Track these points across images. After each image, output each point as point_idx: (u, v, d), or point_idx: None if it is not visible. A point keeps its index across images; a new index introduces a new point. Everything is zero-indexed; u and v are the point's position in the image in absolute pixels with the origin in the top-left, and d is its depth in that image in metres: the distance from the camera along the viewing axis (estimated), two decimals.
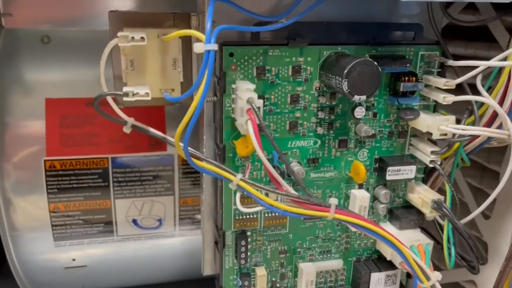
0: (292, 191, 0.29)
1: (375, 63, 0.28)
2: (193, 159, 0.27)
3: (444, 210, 0.32)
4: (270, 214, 0.33)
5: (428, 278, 0.30)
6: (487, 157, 0.41)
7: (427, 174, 0.36)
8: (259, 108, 0.27)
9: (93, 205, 0.46)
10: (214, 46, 0.24)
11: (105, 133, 0.45)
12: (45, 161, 0.44)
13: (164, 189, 0.47)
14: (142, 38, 0.26)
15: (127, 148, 0.46)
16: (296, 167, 0.32)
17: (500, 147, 0.35)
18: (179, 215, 0.49)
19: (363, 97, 0.28)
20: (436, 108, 0.34)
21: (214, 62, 0.28)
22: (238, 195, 0.29)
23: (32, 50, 0.46)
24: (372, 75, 0.28)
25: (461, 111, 0.33)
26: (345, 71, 0.27)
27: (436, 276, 0.30)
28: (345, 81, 0.28)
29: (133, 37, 0.25)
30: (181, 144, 0.26)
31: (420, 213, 0.35)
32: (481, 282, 0.38)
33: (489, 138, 0.33)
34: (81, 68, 0.46)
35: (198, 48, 0.24)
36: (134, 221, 0.48)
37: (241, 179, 0.28)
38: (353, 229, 0.33)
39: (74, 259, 0.49)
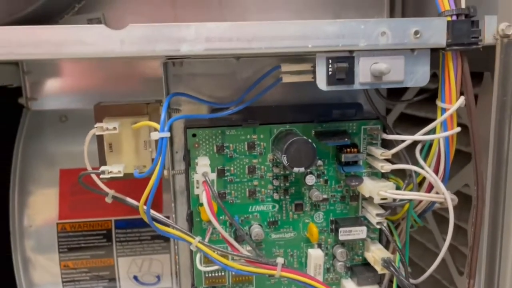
0: (244, 252, 0.33)
1: (310, 140, 0.33)
2: (155, 224, 0.32)
3: (391, 268, 0.35)
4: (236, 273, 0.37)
5: None
6: (458, 215, 0.44)
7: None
8: (212, 180, 0.33)
9: (98, 262, 0.52)
10: (167, 134, 0.30)
11: None
12: (57, 224, 0.51)
13: (161, 247, 0.52)
14: (115, 128, 0.32)
15: (128, 211, 0.52)
16: (256, 229, 0.36)
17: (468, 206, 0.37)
18: (176, 272, 0.53)
19: (302, 169, 0.33)
20: (384, 174, 0.38)
21: (185, 140, 0.34)
22: (198, 255, 0.33)
23: (52, 127, 0.54)
24: (307, 151, 0.33)
25: None
26: (284, 147, 0.33)
27: None
28: (285, 156, 0.33)
29: (107, 128, 0.32)
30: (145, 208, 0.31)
31: (375, 270, 0.38)
32: None
33: (433, 203, 0.36)
34: (91, 141, 0.53)
35: (154, 136, 0.30)
36: (135, 277, 0.53)
37: (199, 242, 0.32)
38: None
39: None
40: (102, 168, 0.33)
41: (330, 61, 0.30)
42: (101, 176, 0.33)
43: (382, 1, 0.45)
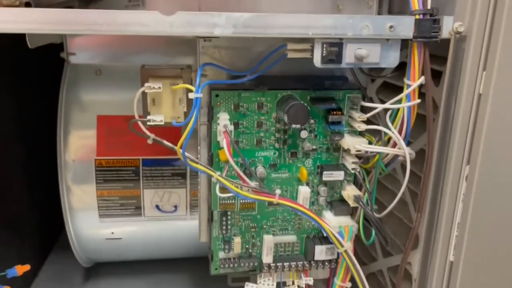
0: (252, 184, 0.44)
1: (305, 104, 0.43)
2: (188, 161, 0.43)
3: (360, 203, 0.47)
4: (243, 201, 0.49)
5: (342, 245, 0.45)
6: (420, 168, 0.55)
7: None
8: (231, 131, 0.43)
9: (127, 193, 0.63)
10: (200, 95, 0.40)
11: (137, 141, 0.62)
12: (95, 159, 0.62)
13: (179, 183, 0.63)
14: (159, 87, 0.42)
15: (154, 152, 0.63)
16: (260, 169, 0.48)
17: None
18: (190, 203, 0.65)
19: (298, 126, 0.44)
20: (361, 133, 0.49)
21: (210, 99, 0.45)
22: (217, 186, 0.45)
23: (88, 79, 0.63)
24: (303, 112, 0.43)
25: None
26: (286, 108, 0.43)
27: (347, 246, 0.45)
28: (286, 115, 0.43)
29: (154, 87, 0.42)
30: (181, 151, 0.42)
31: (349, 204, 0.50)
32: (414, 262, 0.52)
33: (397, 156, 0.48)
34: (122, 93, 0.63)
35: (191, 95, 0.40)
36: (157, 206, 0.64)
37: (219, 175, 0.44)
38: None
39: (112, 233, 0.65)
40: (149, 117, 0.43)
41: (325, 45, 0.40)
42: (147, 123, 0.43)
43: None
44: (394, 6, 0.54)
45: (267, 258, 0.50)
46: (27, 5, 0.37)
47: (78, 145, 0.61)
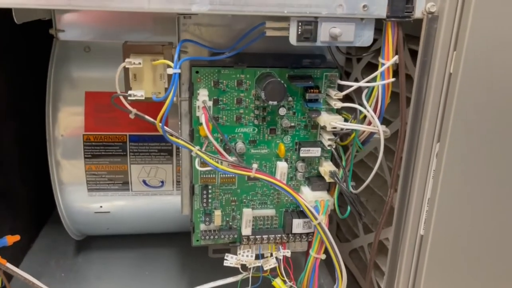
0: (230, 159, 0.46)
1: (282, 81, 0.45)
2: (168, 135, 0.45)
3: (335, 178, 0.49)
4: (224, 175, 0.51)
5: (316, 218, 0.47)
6: (398, 146, 0.57)
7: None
8: (210, 107, 0.45)
9: (115, 168, 0.65)
10: (178, 70, 0.42)
11: (125, 118, 0.63)
12: (83, 135, 0.63)
13: (165, 159, 0.65)
14: (140, 63, 0.43)
15: (141, 128, 0.64)
16: (240, 144, 0.49)
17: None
18: (176, 179, 0.67)
19: (275, 102, 0.45)
20: (338, 111, 0.50)
21: (190, 75, 0.46)
22: (197, 160, 0.46)
23: (77, 56, 0.64)
24: (280, 89, 0.45)
25: None
26: (263, 85, 0.45)
27: (320, 218, 0.47)
28: (263, 92, 0.45)
29: (134, 62, 0.43)
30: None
31: (325, 180, 0.51)
32: (391, 238, 0.54)
33: (373, 133, 0.49)
34: (111, 70, 0.63)
35: (169, 71, 0.42)
36: (144, 181, 0.66)
37: (198, 149, 0.45)
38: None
39: (101, 206, 0.67)
40: (129, 92, 0.45)
41: (300, 24, 0.41)
42: (128, 98, 0.45)
43: None
44: None
45: (246, 231, 0.52)
46: None
47: (67, 121, 0.63)
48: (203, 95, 0.45)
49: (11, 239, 0.58)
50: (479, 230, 0.46)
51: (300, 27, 0.41)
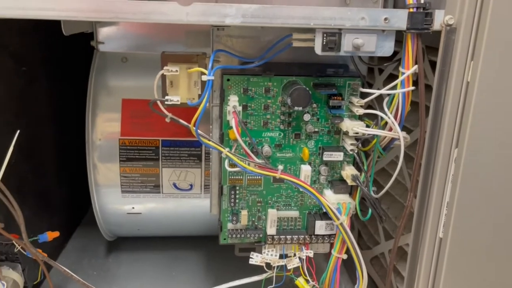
0: (257, 160, 0.49)
1: (307, 88, 0.48)
2: (201, 137, 0.48)
3: (357, 181, 0.51)
4: (250, 177, 0.54)
5: (338, 218, 0.49)
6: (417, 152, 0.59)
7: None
8: (239, 112, 0.48)
9: (147, 171, 0.69)
10: (211, 77, 0.45)
11: (158, 123, 0.67)
12: (119, 139, 0.68)
13: (194, 163, 0.69)
14: (176, 70, 0.47)
15: (172, 134, 0.68)
16: (266, 148, 0.52)
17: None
18: (204, 183, 0.70)
19: (300, 108, 0.48)
20: (360, 117, 0.53)
21: (222, 83, 0.50)
22: (226, 161, 0.50)
23: (115, 66, 0.69)
24: (305, 96, 0.48)
25: None
26: (289, 92, 0.48)
27: (342, 218, 0.49)
28: (289, 98, 0.48)
29: (171, 70, 0.47)
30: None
31: (347, 183, 0.54)
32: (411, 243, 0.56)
33: (393, 139, 0.51)
34: (146, 79, 0.68)
35: (204, 78, 0.45)
36: (174, 184, 0.70)
37: (227, 151, 0.48)
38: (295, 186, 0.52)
39: (133, 207, 0.71)
40: (166, 97, 0.48)
41: (325, 35, 0.45)
42: (165, 103, 0.49)
43: None
44: (399, 0, 0.58)
45: (271, 230, 0.54)
46: None
47: (104, 126, 0.67)
48: (233, 101, 0.49)
49: (51, 235, 0.62)
50: (498, 232, 0.48)
51: (325, 38, 0.45)
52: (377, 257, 0.71)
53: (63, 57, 0.78)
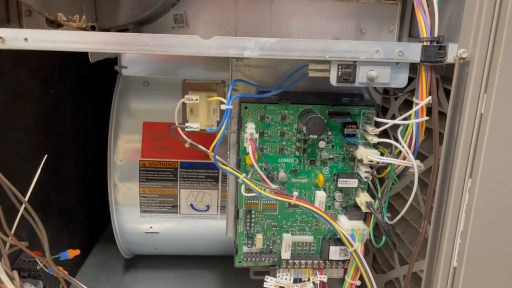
0: (273, 186, 0.50)
1: (322, 117, 0.49)
2: (218, 163, 0.50)
3: (371, 208, 0.52)
4: (266, 201, 0.55)
5: (352, 245, 0.50)
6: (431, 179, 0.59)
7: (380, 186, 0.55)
8: (256, 138, 0.50)
9: (166, 191, 0.70)
10: (230, 107, 0.47)
11: (177, 146, 0.69)
12: (139, 160, 0.70)
13: (211, 185, 0.70)
14: (197, 99, 0.49)
15: (191, 156, 0.70)
16: (282, 173, 0.54)
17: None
18: (221, 204, 0.71)
19: (315, 136, 0.50)
20: (375, 145, 0.54)
21: (239, 110, 0.51)
22: (243, 186, 0.51)
23: (137, 90, 0.72)
24: (320, 124, 0.49)
25: None
26: (305, 120, 0.49)
27: (356, 245, 0.50)
28: (304, 126, 0.49)
29: (192, 98, 0.49)
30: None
31: (362, 210, 0.54)
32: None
33: (407, 167, 0.52)
34: (166, 103, 0.71)
35: (223, 107, 0.47)
36: (191, 205, 0.71)
37: (244, 177, 0.50)
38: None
39: (151, 227, 0.73)
40: (187, 124, 0.50)
41: (340, 67, 0.46)
42: (185, 129, 0.50)
43: (395, 13, 0.59)
44: (413, 30, 0.59)
45: (286, 254, 0.55)
46: (93, 28, 0.45)
47: (125, 147, 0.69)
48: (250, 128, 0.51)
49: (72, 253, 0.64)
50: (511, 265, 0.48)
51: (340, 70, 0.46)
52: (392, 282, 0.70)
53: (87, 80, 0.81)
